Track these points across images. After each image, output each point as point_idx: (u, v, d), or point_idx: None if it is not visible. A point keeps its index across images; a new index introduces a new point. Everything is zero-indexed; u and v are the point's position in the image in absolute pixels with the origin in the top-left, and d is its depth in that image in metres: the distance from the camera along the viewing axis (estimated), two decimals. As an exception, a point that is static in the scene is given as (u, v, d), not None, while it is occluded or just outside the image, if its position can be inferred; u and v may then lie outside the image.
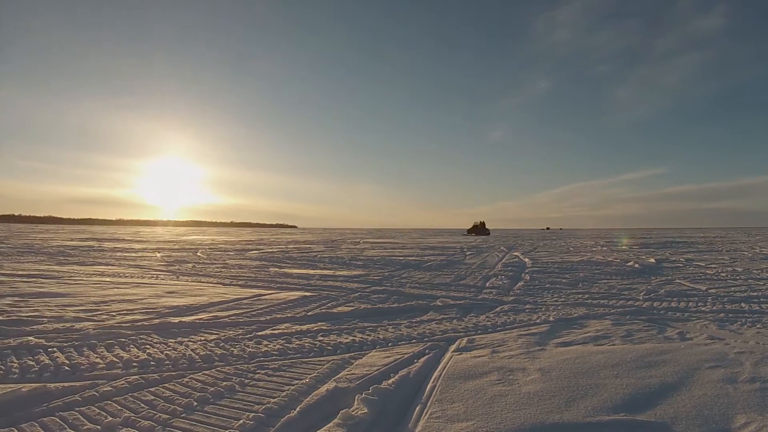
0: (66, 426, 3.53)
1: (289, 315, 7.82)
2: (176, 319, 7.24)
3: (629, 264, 16.37)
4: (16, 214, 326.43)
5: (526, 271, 14.74)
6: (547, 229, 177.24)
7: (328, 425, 3.50)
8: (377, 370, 4.82)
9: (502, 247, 28.84)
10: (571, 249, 26.92)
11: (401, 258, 20.32)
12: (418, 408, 3.83)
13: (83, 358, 5.20)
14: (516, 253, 22.86)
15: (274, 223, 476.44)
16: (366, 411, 3.71)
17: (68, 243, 32.16)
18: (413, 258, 20.31)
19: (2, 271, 13.48)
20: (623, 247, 35.33)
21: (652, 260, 17.72)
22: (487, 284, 11.80)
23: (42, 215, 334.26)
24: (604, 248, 27.38)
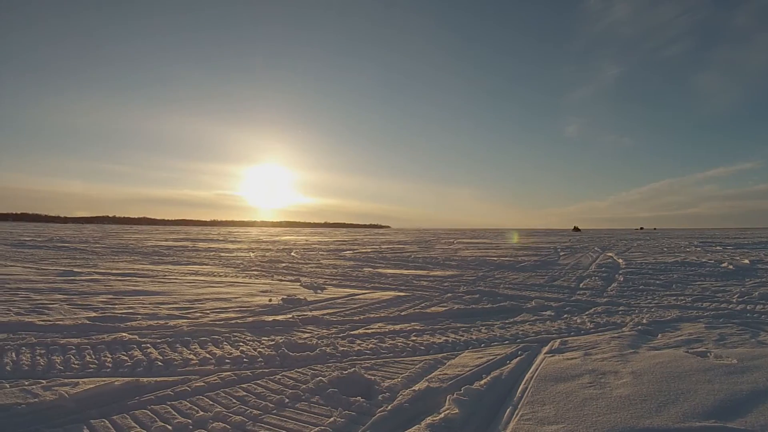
0: (157, 419, 3.72)
1: (382, 315, 8.01)
2: (270, 318, 7.52)
3: (723, 265, 15.78)
4: (111, 215, 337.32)
5: (620, 272, 14.46)
6: (641, 229, 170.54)
7: (419, 425, 3.61)
8: (469, 370, 4.92)
9: (595, 248, 28.17)
10: (665, 249, 26.00)
11: (495, 258, 20.19)
12: (509, 409, 3.88)
13: (176, 354, 5.43)
14: (610, 254, 22.30)
15: (367, 223, 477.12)
16: (457, 411, 3.80)
17: (162, 243, 33.36)
18: (507, 258, 20.14)
19: (97, 270, 14.22)
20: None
21: (746, 261, 16.98)
22: (581, 285, 11.71)
23: (136, 216, 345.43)
24: (698, 249, 26.33)
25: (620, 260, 18.55)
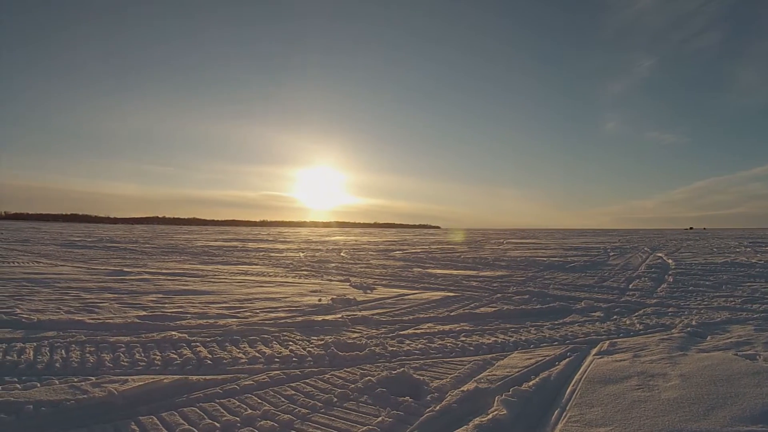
0: (205, 416, 3.81)
1: (431, 315, 8.07)
2: (319, 318, 7.62)
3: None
4: (160, 216, 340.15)
5: (670, 272, 14.28)
6: (690, 228, 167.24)
7: (467, 425, 3.65)
8: (518, 371, 4.95)
9: (645, 248, 27.72)
10: (715, 250, 25.43)
11: (544, 259, 20.09)
12: (557, 411, 3.92)
13: (225, 353, 5.51)
14: (660, 254, 21.93)
15: (417, 224, 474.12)
16: (505, 412, 3.84)
17: (212, 243, 33.79)
18: (557, 259, 20.03)
19: (147, 270, 14.53)
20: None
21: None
22: (630, 286, 11.63)
23: (186, 217, 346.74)
24: (748, 249, 25.69)
25: (670, 261, 18.27)
